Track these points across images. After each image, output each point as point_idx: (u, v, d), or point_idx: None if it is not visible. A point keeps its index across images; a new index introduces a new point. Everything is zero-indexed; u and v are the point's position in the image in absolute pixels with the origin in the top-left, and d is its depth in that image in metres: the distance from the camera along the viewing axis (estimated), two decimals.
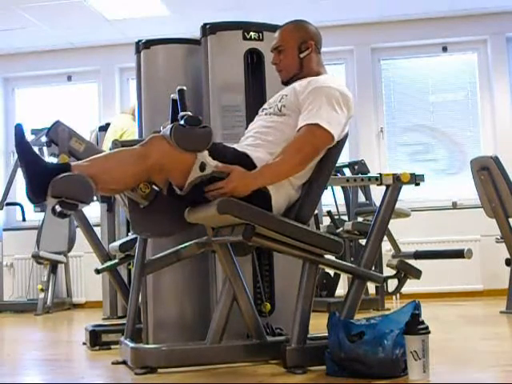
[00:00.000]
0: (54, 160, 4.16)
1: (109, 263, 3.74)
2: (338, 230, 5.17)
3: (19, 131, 2.38)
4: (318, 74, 2.81)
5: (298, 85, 2.73)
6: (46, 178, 2.31)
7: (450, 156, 7.09)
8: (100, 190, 2.45)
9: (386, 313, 2.66)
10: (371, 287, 5.16)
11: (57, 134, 3.84)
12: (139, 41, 3.46)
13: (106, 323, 4.30)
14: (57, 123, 3.91)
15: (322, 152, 2.62)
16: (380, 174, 2.90)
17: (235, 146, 2.70)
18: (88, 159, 2.46)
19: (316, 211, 4.96)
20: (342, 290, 5.69)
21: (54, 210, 2.39)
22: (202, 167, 2.44)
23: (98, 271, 3.76)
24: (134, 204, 2.64)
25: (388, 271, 3.50)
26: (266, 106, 2.85)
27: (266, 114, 2.78)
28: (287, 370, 2.53)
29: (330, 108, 2.59)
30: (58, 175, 2.31)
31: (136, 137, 3.74)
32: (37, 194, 2.34)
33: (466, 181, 5.99)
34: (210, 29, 3.20)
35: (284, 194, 2.59)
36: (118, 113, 6.82)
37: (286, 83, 2.83)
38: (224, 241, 2.70)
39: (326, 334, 2.48)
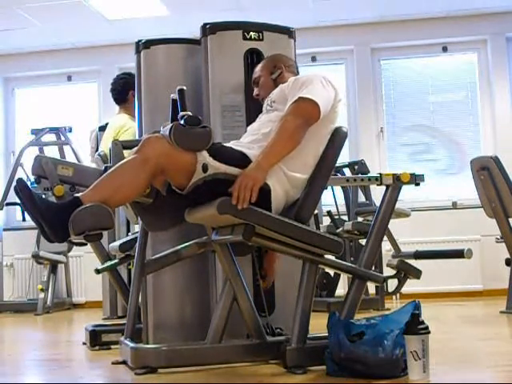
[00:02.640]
0: (47, 193, 4.12)
1: (109, 263, 3.74)
2: (338, 230, 5.17)
3: (23, 185, 2.34)
4: None
5: (282, 85, 2.84)
6: (64, 218, 2.32)
7: (449, 156, 7.09)
8: (115, 207, 2.47)
9: (386, 313, 2.66)
10: (371, 287, 5.16)
11: (42, 169, 3.80)
12: (139, 41, 3.46)
13: (106, 323, 4.30)
14: (37, 158, 3.87)
15: (313, 120, 2.62)
16: (380, 173, 2.89)
17: (231, 144, 2.72)
18: (93, 185, 2.45)
19: (316, 211, 4.96)
20: (342, 289, 5.69)
21: (72, 242, 2.44)
22: (205, 168, 2.45)
23: (98, 271, 3.76)
24: (140, 206, 2.65)
25: (388, 271, 3.51)
26: None
27: (261, 116, 2.86)
28: (287, 370, 2.53)
29: (313, 85, 2.66)
30: (73, 212, 2.32)
31: (136, 134, 3.75)
32: (60, 236, 2.36)
33: (466, 181, 5.99)
34: (210, 29, 3.20)
35: (282, 191, 2.60)
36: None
37: (263, 100, 2.95)
38: (224, 241, 2.70)
39: (326, 334, 2.48)
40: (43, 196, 3.25)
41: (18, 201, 2.41)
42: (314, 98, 2.61)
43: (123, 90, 4.82)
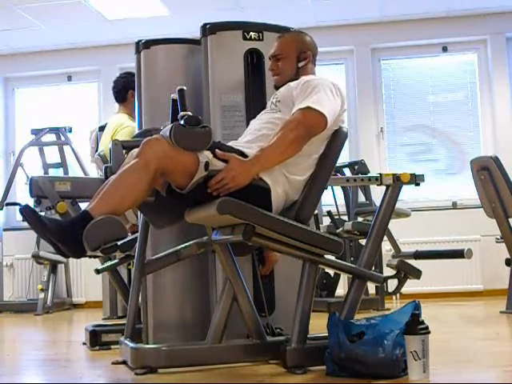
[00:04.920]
0: (51, 212, 4.11)
1: (109, 263, 3.74)
2: (338, 230, 5.17)
3: (29, 211, 2.33)
4: None
5: (292, 83, 2.81)
6: (77, 235, 2.30)
7: (449, 156, 7.08)
8: (123, 213, 2.47)
9: (386, 313, 2.66)
10: (371, 287, 5.16)
11: (40, 189, 3.80)
12: (139, 41, 3.46)
13: (106, 323, 4.30)
14: (33, 180, 3.87)
15: (317, 133, 2.62)
16: (380, 174, 2.89)
17: (231, 143, 2.72)
18: (99, 196, 2.43)
19: (316, 211, 4.96)
20: (342, 289, 5.69)
21: (89, 256, 2.46)
22: (207, 167, 2.46)
23: (98, 271, 3.76)
24: (142, 204, 2.65)
25: (388, 271, 3.50)
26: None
27: (264, 114, 2.84)
28: (287, 370, 2.53)
29: (321, 93, 2.64)
30: (85, 227, 2.30)
31: (134, 133, 3.74)
32: (77, 252, 2.36)
33: (466, 181, 6.00)
34: (209, 29, 3.20)
35: (282, 191, 2.60)
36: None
37: (277, 88, 2.89)
38: (224, 241, 2.70)
39: (326, 334, 2.48)
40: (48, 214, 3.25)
41: (17, 201, 2.40)
42: (322, 109, 2.59)
43: (123, 89, 4.82)
